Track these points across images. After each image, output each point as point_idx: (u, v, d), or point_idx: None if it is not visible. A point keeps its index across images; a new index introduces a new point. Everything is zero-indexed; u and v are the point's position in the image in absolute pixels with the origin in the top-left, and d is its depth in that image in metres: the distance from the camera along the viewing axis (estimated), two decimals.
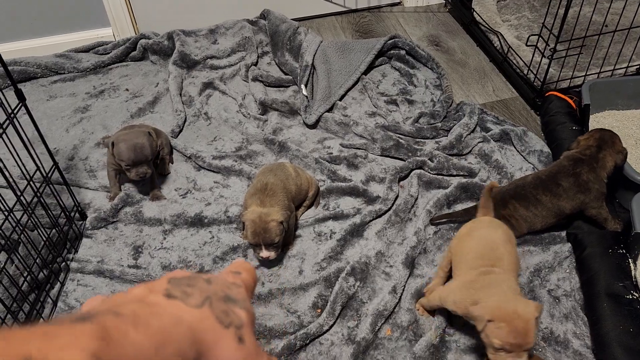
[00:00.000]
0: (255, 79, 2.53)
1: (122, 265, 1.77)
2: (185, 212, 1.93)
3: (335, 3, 2.96)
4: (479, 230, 1.47)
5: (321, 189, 1.96)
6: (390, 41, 2.56)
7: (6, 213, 1.53)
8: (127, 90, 2.56)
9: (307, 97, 2.33)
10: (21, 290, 1.57)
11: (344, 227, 1.82)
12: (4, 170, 1.48)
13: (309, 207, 1.92)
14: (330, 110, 2.30)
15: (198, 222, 1.90)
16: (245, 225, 1.67)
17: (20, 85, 1.58)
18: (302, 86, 2.36)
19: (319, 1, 2.93)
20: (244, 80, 2.55)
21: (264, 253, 1.67)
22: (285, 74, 2.53)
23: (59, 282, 1.74)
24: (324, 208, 1.93)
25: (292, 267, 1.74)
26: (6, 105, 1.50)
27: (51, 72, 2.67)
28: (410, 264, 1.69)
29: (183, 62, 2.61)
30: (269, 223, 1.64)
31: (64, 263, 1.78)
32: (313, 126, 2.27)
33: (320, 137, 2.23)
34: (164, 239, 1.87)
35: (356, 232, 1.82)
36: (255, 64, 2.62)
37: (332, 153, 2.13)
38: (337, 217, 1.88)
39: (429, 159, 2.01)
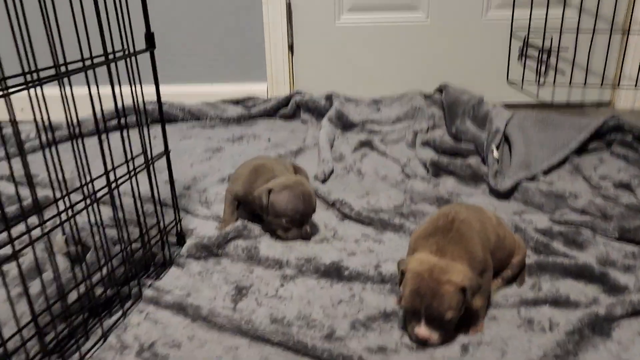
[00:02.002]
0: (425, 144, 2.00)
1: (214, 305, 1.15)
2: (317, 258, 1.31)
3: (525, 93, 2.46)
4: None
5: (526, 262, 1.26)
6: (612, 122, 1.94)
7: (88, 201, 1.03)
8: (269, 140, 2.16)
9: (498, 160, 1.74)
10: (66, 304, 1.01)
11: (575, 317, 1.07)
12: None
13: (509, 280, 1.21)
14: (531, 180, 1.67)
15: (335, 272, 1.27)
16: (405, 278, 1.02)
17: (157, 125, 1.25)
18: (493, 147, 1.78)
19: (504, 87, 2.45)
20: (410, 147, 2.04)
21: (422, 330, 1.01)
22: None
23: (121, 310, 1.16)
24: (533, 288, 1.21)
25: None
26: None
27: (193, 117, 2.39)
28: None
29: (339, 120, 2.19)
30: (443, 285, 0.99)
31: (136, 288, 1.22)
32: (505, 195, 1.63)
33: (516, 210, 1.57)
34: (282, 285, 1.25)
35: (599, 328, 1.06)
36: (426, 132, 2.12)
37: (536, 227, 1.45)
38: (559, 303, 1.15)
39: None
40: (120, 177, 1.13)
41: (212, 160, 1.98)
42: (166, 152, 1.28)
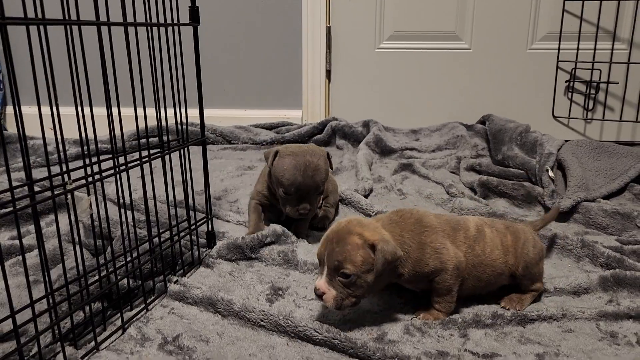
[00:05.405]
0: (470, 169, 1.89)
1: (248, 301, 1.02)
2: None
3: (572, 129, 2.35)
4: None
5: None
6: None
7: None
8: None
9: (553, 180, 1.61)
10: (87, 289, 0.89)
11: None
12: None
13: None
14: (591, 202, 1.53)
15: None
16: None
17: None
18: (547, 167, 1.66)
19: (549, 122, 2.35)
20: (453, 172, 1.93)
21: (319, 282, 1.06)
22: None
23: (144, 304, 1.03)
24: (610, 303, 1.06)
25: None
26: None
27: (225, 140, 2.32)
28: None
29: (377, 145, 2.10)
30: (352, 235, 0.94)
31: (161, 283, 1.10)
32: (564, 216, 1.49)
33: (577, 231, 1.43)
34: None
35: None
36: (470, 159, 2.01)
37: (604, 245, 1.30)
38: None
39: None
40: (154, 154, 1.04)
41: (244, 177, 1.89)
42: (202, 137, 1.19)
